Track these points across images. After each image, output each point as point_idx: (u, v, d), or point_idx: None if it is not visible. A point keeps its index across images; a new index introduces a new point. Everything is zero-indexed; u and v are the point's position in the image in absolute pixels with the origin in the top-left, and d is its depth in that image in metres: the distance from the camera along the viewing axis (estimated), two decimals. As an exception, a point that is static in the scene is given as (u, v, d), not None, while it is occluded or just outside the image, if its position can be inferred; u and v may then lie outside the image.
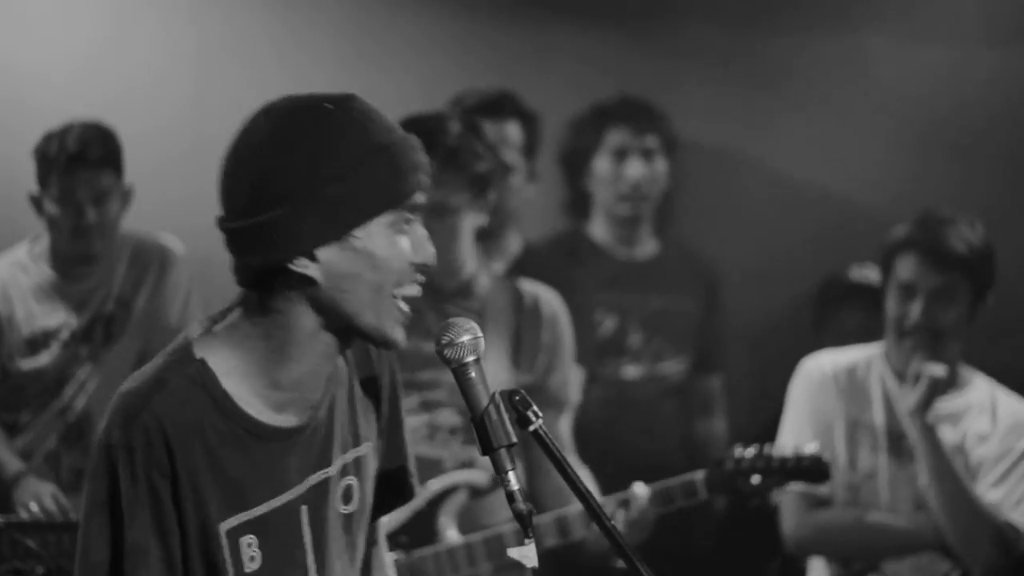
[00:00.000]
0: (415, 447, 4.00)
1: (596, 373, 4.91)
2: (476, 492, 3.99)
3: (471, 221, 4.02)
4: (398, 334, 2.43)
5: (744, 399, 5.35)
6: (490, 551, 3.93)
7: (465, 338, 2.39)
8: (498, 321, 4.09)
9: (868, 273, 5.10)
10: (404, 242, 2.42)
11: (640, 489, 3.88)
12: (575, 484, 2.38)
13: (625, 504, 3.87)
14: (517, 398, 2.39)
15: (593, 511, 2.38)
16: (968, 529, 4.10)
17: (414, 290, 2.44)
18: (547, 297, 4.15)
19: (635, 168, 5.18)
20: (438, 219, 3.96)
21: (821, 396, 4.23)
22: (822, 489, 4.19)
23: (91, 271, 4.63)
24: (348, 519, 2.56)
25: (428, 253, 2.44)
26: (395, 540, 4.00)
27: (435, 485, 4.01)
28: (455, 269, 4.05)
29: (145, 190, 4.74)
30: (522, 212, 5.01)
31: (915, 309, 4.13)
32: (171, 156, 5.21)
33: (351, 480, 2.55)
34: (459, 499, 3.97)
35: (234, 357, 2.43)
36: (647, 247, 5.27)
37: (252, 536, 2.45)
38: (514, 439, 2.36)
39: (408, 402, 4.03)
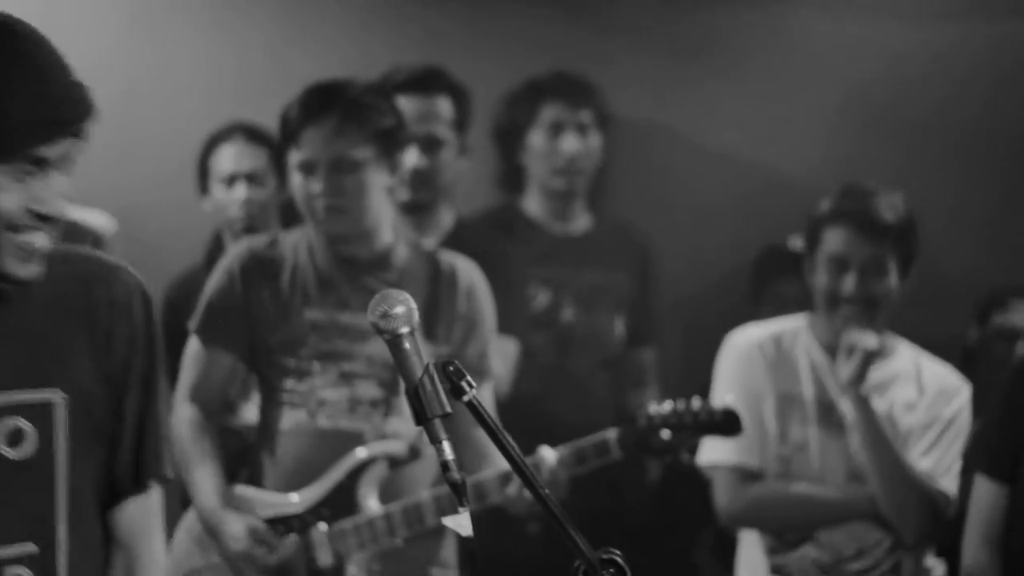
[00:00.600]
0: (336, 420, 4.04)
1: (530, 347, 4.93)
2: (395, 462, 4.00)
3: (379, 179, 4.01)
4: (22, 271, 2.46)
5: (676, 371, 5.39)
6: (408, 520, 3.94)
7: (399, 309, 2.39)
8: (414, 292, 4.09)
9: None
10: (18, 189, 2.42)
11: (547, 452, 3.90)
12: (508, 452, 2.39)
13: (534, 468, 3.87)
14: (451, 368, 2.39)
15: (527, 478, 2.40)
16: (902, 498, 4.13)
17: (37, 238, 2.45)
18: (465, 267, 4.15)
19: (570, 143, 5.19)
20: (343, 172, 3.98)
21: (749, 369, 4.25)
22: (751, 462, 4.21)
23: None
24: (16, 467, 2.50)
25: (51, 206, 2.45)
26: (316, 513, 4.01)
27: (355, 457, 4.01)
28: (367, 233, 4.04)
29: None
30: (455, 187, 5.01)
31: (849, 281, 4.14)
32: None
33: (18, 423, 2.50)
34: (379, 470, 3.99)
35: None
36: (580, 222, 5.29)
37: None
38: (448, 409, 2.36)
39: (327, 375, 4.03)
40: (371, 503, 3.99)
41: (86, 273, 2.59)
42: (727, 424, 3.88)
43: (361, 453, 4.01)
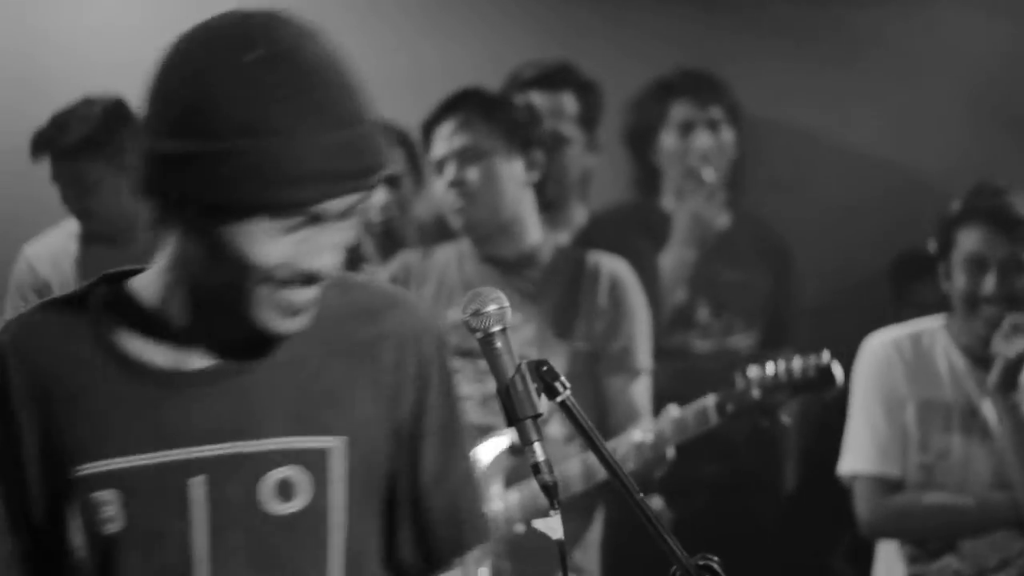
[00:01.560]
0: (469, 415, 4.05)
1: (664, 345, 4.88)
2: (516, 450, 4.00)
3: (510, 170, 4.04)
4: (283, 326, 2.10)
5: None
6: (524, 509, 3.93)
7: (491, 308, 2.36)
8: (556, 289, 4.10)
9: None
10: (285, 242, 2.04)
11: (673, 410, 3.91)
12: (603, 456, 2.35)
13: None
14: (544, 368, 2.36)
15: (622, 484, 2.35)
16: None
17: (300, 295, 2.09)
18: (609, 263, 4.16)
19: (702, 140, 5.13)
20: (468, 162, 4.02)
21: (888, 374, 4.18)
22: (893, 471, 4.13)
23: (126, 242, 4.60)
24: (283, 524, 2.13)
25: (321, 261, 2.08)
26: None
27: (478, 452, 4.03)
28: (507, 228, 4.09)
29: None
30: (587, 184, 4.99)
31: (989, 281, 4.07)
32: None
33: (291, 473, 2.13)
34: (500, 460, 3.99)
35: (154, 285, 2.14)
36: (719, 219, 5.22)
37: (114, 491, 2.08)
38: (540, 410, 2.32)
39: (465, 372, 4.05)
40: (495, 490, 3.99)
41: (368, 305, 2.23)
42: (821, 380, 3.81)
43: (486, 447, 4.03)
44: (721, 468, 5.03)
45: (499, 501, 3.99)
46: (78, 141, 4.32)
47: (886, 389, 4.17)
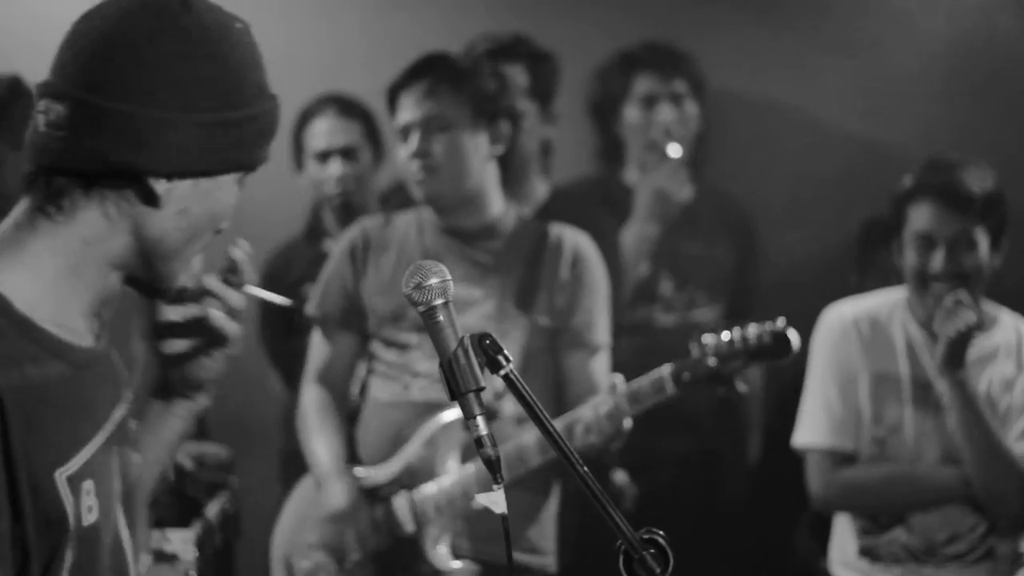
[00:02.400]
0: (428, 392, 4.03)
1: (627, 319, 4.86)
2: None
3: (475, 142, 4.02)
4: (185, 279, 2.25)
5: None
6: (480, 484, 3.92)
7: (433, 280, 2.33)
8: (518, 261, 4.08)
9: None
10: (232, 201, 2.20)
11: (617, 379, 3.84)
12: (547, 428, 2.33)
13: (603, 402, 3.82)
14: (487, 342, 2.34)
15: (566, 457, 2.33)
16: (999, 483, 4.03)
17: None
18: (572, 236, 4.13)
19: (664, 113, 5.11)
20: (433, 131, 3.99)
21: (844, 348, 4.15)
22: (846, 445, 4.13)
23: None
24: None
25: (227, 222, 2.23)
26: (398, 482, 4.03)
27: (432, 424, 4.01)
28: (470, 199, 4.06)
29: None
30: (550, 158, 4.97)
31: (937, 258, 4.02)
32: None
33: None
34: (457, 434, 3.99)
35: (22, 272, 2.09)
36: (681, 192, 5.20)
37: (91, 482, 2.11)
38: (482, 383, 2.31)
39: (424, 347, 4.03)
40: (450, 465, 3.98)
41: None
42: (777, 346, 3.76)
43: (436, 420, 4.01)
44: (685, 442, 5.03)
45: (454, 475, 3.98)
46: None
47: (840, 362, 4.15)
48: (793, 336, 3.75)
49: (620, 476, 4.92)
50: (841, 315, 4.20)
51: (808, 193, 5.42)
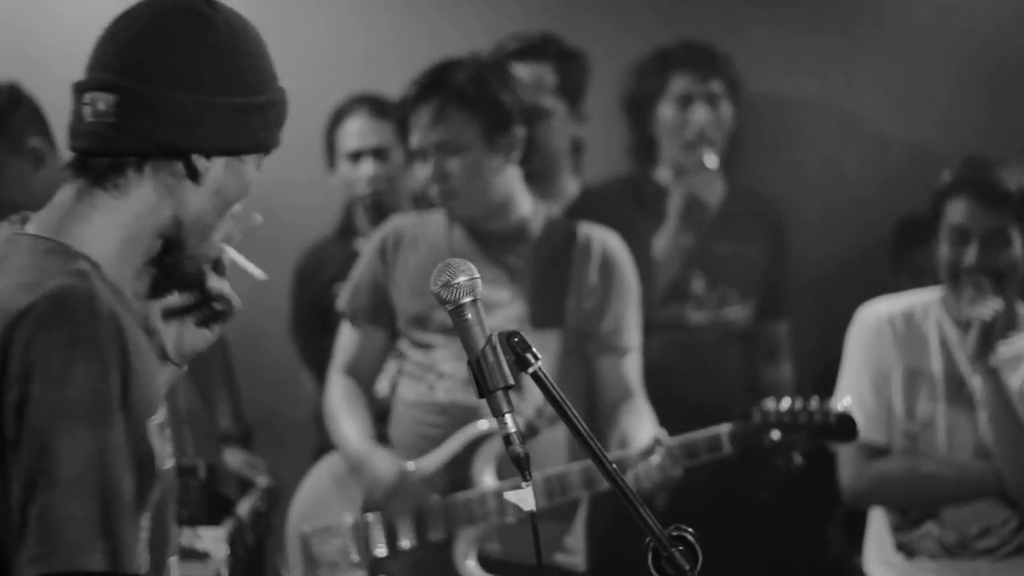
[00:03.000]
0: (453, 394, 4.03)
1: (659, 318, 4.86)
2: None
3: (491, 157, 4.01)
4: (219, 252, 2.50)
5: (809, 345, 5.27)
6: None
7: (461, 279, 2.35)
8: (547, 264, 4.07)
9: None
10: (251, 182, 2.46)
11: (664, 436, 3.82)
12: (578, 429, 2.34)
13: (650, 452, 3.81)
14: (516, 340, 2.36)
15: (597, 458, 2.34)
16: None
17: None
18: (601, 237, 4.12)
19: (700, 114, 5.09)
20: (448, 155, 3.98)
21: (878, 344, 4.16)
22: (878, 438, 4.13)
23: None
24: None
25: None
26: (433, 484, 4.01)
27: (474, 429, 4.00)
28: (495, 207, 4.04)
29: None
30: (582, 157, 4.97)
31: (970, 253, 4.05)
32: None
33: None
34: (496, 445, 3.95)
35: (93, 242, 2.36)
36: (715, 197, 5.19)
37: (163, 430, 2.38)
38: (511, 381, 2.33)
39: (449, 348, 4.02)
40: (487, 478, 3.97)
41: None
42: (842, 429, 3.78)
43: (481, 426, 4.00)
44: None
45: (490, 486, 3.97)
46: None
47: (874, 358, 4.16)
48: (858, 419, 3.77)
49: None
50: (877, 312, 4.22)
51: (841, 192, 5.39)
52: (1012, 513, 4.10)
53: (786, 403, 3.78)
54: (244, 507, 4.19)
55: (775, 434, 3.76)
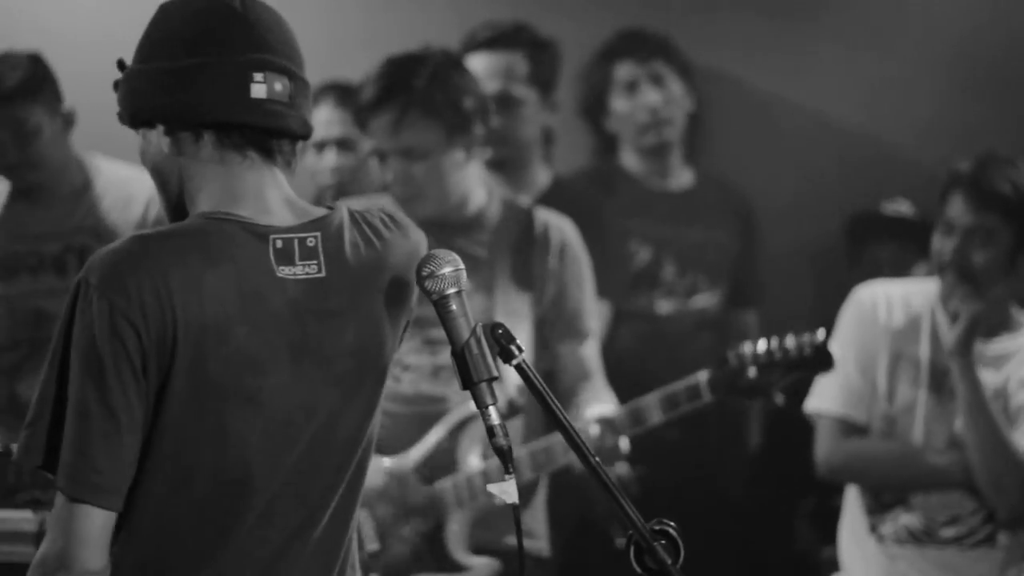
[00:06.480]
0: (418, 385, 4.03)
1: (628, 306, 4.86)
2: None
3: (454, 158, 3.99)
4: None
5: (778, 334, 5.27)
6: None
7: (446, 270, 2.34)
8: (506, 251, 4.07)
9: (900, 207, 5.04)
10: None
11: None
12: (560, 420, 2.34)
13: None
14: (500, 331, 2.35)
15: (577, 447, 2.34)
16: (998, 472, 4.06)
17: None
18: (557, 224, 4.13)
19: (648, 96, 5.09)
20: (412, 161, 3.96)
21: (868, 324, 4.19)
22: (858, 416, 4.17)
23: (50, 201, 4.54)
24: None
25: None
26: (420, 473, 4.01)
27: (455, 415, 3.99)
28: (455, 205, 4.03)
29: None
30: (549, 145, 4.96)
31: (947, 245, 4.08)
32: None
33: None
34: (479, 427, 3.96)
35: None
36: (681, 178, 5.20)
37: None
38: (495, 373, 2.32)
39: (412, 340, 4.02)
40: (472, 459, 3.97)
41: None
42: (817, 360, 3.79)
43: (456, 414, 3.99)
44: (684, 431, 5.02)
45: (477, 468, 3.97)
46: (14, 85, 4.38)
47: (863, 337, 4.19)
48: (834, 349, 3.78)
49: (620, 466, 4.92)
50: (873, 293, 4.25)
51: (807, 183, 5.40)
52: (980, 504, 4.12)
53: (762, 343, 3.79)
54: None
55: (752, 372, 3.77)
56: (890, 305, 4.20)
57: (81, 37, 5.08)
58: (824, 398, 4.19)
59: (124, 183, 4.55)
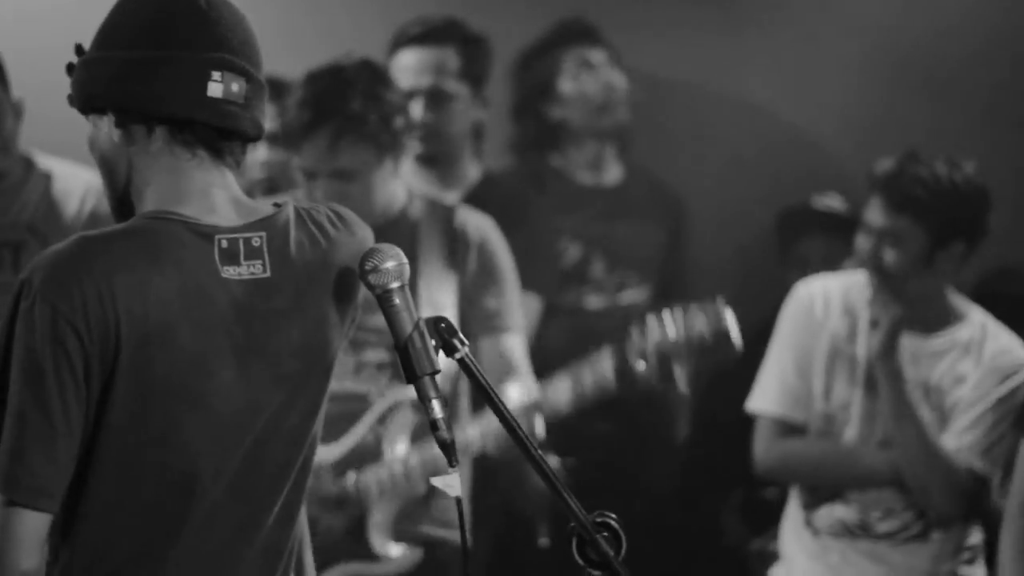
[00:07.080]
0: (341, 381, 4.03)
1: (558, 301, 4.88)
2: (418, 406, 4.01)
3: (382, 172, 4.00)
4: None
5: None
6: (424, 463, 3.95)
7: (389, 264, 2.35)
8: (431, 251, 4.09)
9: (831, 201, 5.08)
10: None
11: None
12: (502, 412, 2.35)
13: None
14: (443, 325, 2.35)
15: (520, 440, 2.35)
16: (924, 477, 4.10)
17: None
18: (475, 222, 4.15)
19: (603, 73, 5.11)
20: (344, 181, 3.96)
21: (806, 322, 4.22)
22: (796, 416, 4.20)
23: None
24: None
25: None
26: (337, 469, 4.02)
27: (376, 408, 4.01)
28: (380, 212, 4.04)
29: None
30: (479, 141, 4.96)
31: (862, 244, 4.13)
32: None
33: None
34: (404, 416, 3.98)
35: None
36: (612, 173, 5.21)
37: None
38: (438, 367, 2.33)
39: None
40: (398, 448, 3.99)
41: None
42: (719, 347, 3.84)
43: (381, 403, 4.01)
44: (612, 423, 5.04)
45: (402, 457, 3.99)
46: None
47: (800, 335, 4.21)
48: (735, 335, 3.81)
49: (550, 458, 4.95)
50: (811, 290, 4.27)
51: (735, 175, 5.43)
52: (913, 500, 4.15)
53: (671, 331, 3.87)
54: None
55: (640, 365, 3.84)
56: (828, 303, 4.22)
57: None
58: (763, 398, 4.23)
59: (59, 179, 4.51)
